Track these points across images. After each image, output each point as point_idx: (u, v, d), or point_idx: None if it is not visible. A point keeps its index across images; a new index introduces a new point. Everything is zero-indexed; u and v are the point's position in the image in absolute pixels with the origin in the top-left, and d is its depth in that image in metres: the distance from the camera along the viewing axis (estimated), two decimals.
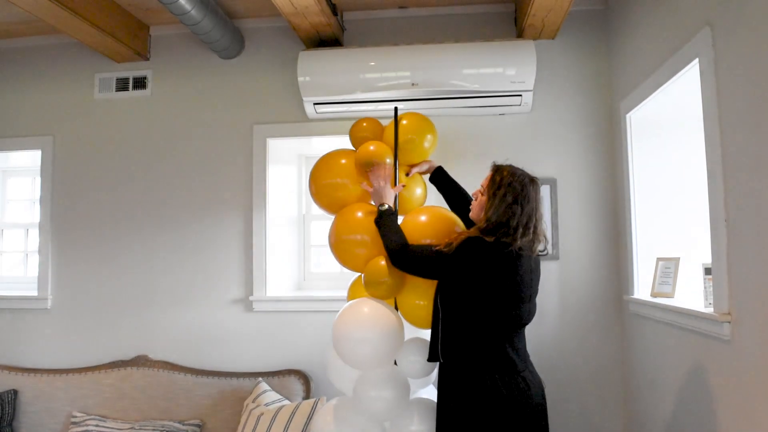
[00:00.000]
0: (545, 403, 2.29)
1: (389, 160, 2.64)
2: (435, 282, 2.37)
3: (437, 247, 2.25)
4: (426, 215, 2.60)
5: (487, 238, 2.15)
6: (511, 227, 2.16)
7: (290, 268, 3.92)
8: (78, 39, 3.51)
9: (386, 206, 2.50)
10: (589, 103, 3.53)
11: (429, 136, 2.84)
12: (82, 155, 3.87)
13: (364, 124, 2.87)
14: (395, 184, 2.71)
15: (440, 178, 2.86)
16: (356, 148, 2.83)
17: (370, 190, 2.60)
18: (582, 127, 3.52)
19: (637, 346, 3.16)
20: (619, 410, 3.39)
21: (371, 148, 2.62)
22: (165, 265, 3.75)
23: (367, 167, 2.64)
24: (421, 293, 2.51)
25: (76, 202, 3.85)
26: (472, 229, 2.27)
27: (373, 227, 2.53)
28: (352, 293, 2.84)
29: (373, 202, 2.64)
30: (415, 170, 2.87)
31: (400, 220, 2.66)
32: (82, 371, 3.62)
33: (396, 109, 2.91)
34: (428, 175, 2.92)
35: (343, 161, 2.76)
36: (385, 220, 2.46)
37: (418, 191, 2.81)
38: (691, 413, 2.50)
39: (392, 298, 2.63)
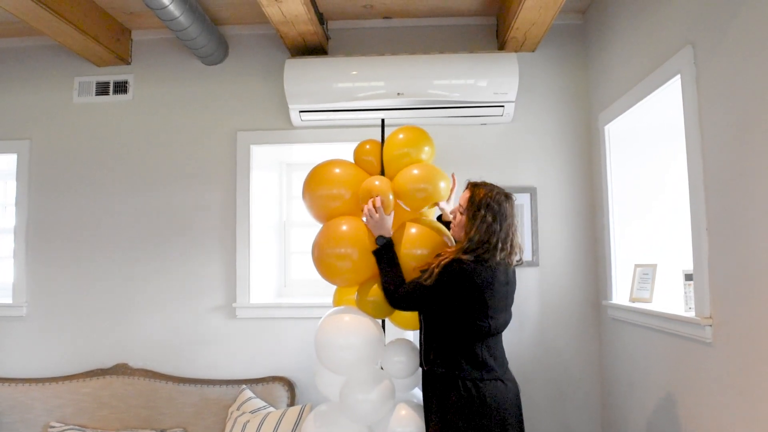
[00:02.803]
0: (521, 406, 2.38)
1: (392, 197, 2.57)
2: None
3: (421, 279, 2.30)
4: (417, 229, 2.58)
5: (464, 257, 2.23)
6: (491, 244, 2.25)
7: (272, 274, 3.92)
8: (59, 41, 3.46)
9: (386, 240, 2.47)
10: (568, 114, 3.64)
11: (426, 149, 2.75)
12: (61, 160, 3.80)
13: (368, 147, 2.79)
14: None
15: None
16: (360, 167, 2.79)
17: (371, 221, 2.51)
18: (561, 138, 3.63)
19: (616, 349, 3.27)
20: (597, 413, 3.50)
21: (376, 182, 2.57)
22: (146, 272, 3.71)
23: (366, 200, 2.55)
24: None
25: (53, 207, 3.78)
26: (452, 250, 2.33)
27: (358, 241, 2.55)
28: (338, 299, 2.87)
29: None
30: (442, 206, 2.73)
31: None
32: (59, 380, 3.55)
33: (383, 120, 2.95)
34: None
35: (338, 170, 2.73)
36: (386, 257, 2.44)
37: (442, 185, 2.68)
38: (670, 414, 2.61)
39: (387, 316, 2.67)
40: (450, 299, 2.25)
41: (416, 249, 2.50)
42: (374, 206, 2.47)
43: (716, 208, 2.24)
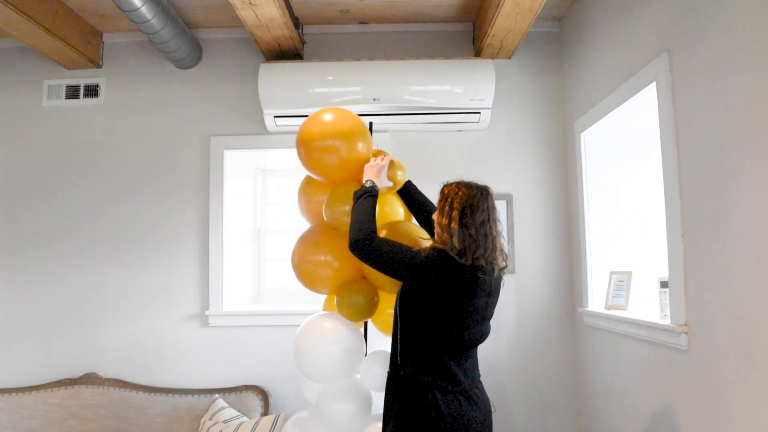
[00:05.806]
0: (491, 424, 2.24)
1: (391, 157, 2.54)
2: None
3: (414, 249, 2.16)
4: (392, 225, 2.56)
5: (452, 254, 2.09)
6: (473, 239, 2.10)
7: (246, 282, 3.87)
8: (27, 44, 3.37)
9: (371, 184, 2.36)
10: (544, 121, 3.65)
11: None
12: (29, 165, 3.70)
13: None
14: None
15: (406, 195, 2.66)
16: None
17: (373, 164, 2.43)
18: (537, 145, 3.64)
19: (591, 356, 3.27)
20: (573, 420, 3.49)
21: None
22: (116, 279, 3.62)
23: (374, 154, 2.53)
24: (392, 303, 2.51)
25: (20, 213, 3.68)
26: (436, 242, 2.19)
27: (337, 248, 2.50)
28: (327, 308, 2.80)
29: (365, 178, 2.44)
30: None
31: None
32: (26, 390, 3.45)
33: (371, 123, 2.92)
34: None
35: (329, 117, 2.50)
36: (364, 201, 2.29)
37: (402, 211, 2.66)
38: (646, 421, 2.61)
39: (366, 319, 2.63)
40: (431, 284, 2.10)
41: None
42: (383, 158, 2.47)
43: (692, 215, 2.24)
